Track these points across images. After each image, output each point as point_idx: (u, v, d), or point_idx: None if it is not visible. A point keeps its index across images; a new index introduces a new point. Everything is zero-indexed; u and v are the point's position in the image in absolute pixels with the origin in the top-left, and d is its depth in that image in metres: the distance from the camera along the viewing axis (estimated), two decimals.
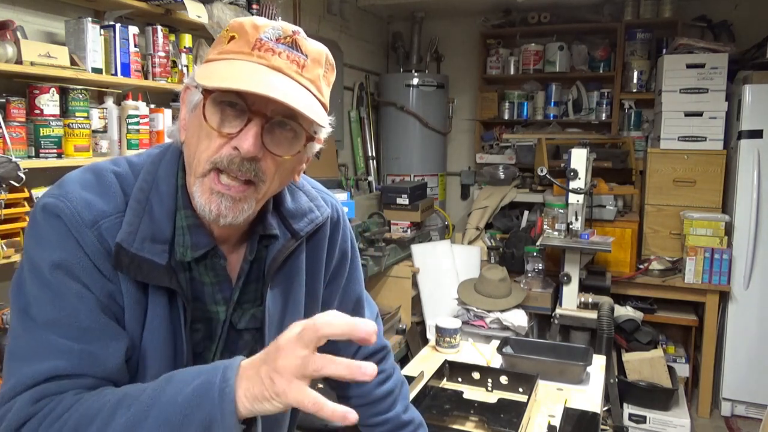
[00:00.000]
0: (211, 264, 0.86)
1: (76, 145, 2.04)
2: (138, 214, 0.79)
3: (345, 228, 1.05)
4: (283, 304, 0.94)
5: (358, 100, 4.59)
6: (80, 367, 0.75)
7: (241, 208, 0.79)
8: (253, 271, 0.91)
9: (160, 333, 0.81)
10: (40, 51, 1.92)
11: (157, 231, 0.80)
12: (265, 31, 0.77)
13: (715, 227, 3.40)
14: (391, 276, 3.55)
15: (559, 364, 1.77)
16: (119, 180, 0.82)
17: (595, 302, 3.04)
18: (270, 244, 0.90)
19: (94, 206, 0.78)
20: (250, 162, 0.76)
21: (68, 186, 0.79)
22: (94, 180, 0.81)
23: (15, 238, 1.87)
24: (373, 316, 1.17)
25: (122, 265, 0.77)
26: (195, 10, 2.42)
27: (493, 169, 4.52)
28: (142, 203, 0.80)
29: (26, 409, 0.71)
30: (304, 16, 3.75)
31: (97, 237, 0.77)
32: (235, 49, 0.77)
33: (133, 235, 0.78)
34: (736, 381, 3.37)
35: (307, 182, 1.00)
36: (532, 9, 4.51)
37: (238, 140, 0.75)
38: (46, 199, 0.78)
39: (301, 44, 0.79)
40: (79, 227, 0.76)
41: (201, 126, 0.77)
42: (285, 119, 0.77)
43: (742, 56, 3.79)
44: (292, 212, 0.92)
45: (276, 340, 0.66)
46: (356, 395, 1.14)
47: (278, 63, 0.76)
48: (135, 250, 0.77)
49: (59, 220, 0.76)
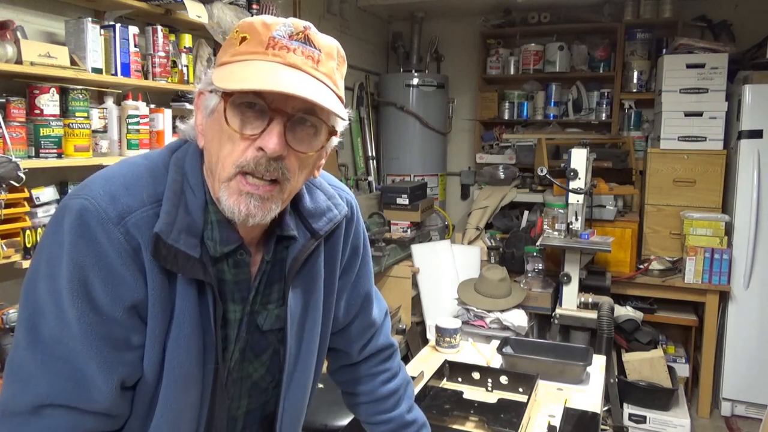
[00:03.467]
0: (236, 261, 0.85)
1: (76, 145, 2.04)
2: (175, 205, 0.78)
3: (358, 224, 1.05)
4: (304, 303, 0.93)
5: (358, 100, 4.59)
6: (68, 396, 0.75)
7: (269, 207, 0.79)
8: (276, 272, 0.91)
9: (189, 327, 0.80)
10: (40, 51, 1.92)
11: (191, 223, 0.79)
12: (277, 28, 0.77)
13: (715, 227, 3.40)
14: (391, 276, 3.55)
15: (559, 364, 1.77)
16: (149, 172, 0.80)
17: (595, 302, 3.04)
18: (289, 244, 0.90)
19: (119, 201, 0.76)
20: (276, 161, 0.76)
21: (92, 183, 0.78)
22: (122, 172, 0.79)
23: (15, 238, 1.87)
24: (382, 312, 1.17)
25: (159, 256, 0.75)
26: (195, 10, 2.42)
27: (493, 169, 4.52)
28: (177, 194, 0.79)
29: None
30: (304, 16, 3.75)
31: (124, 234, 0.75)
32: (249, 49, 0.77)
33: (170, 225, 0.76)
34: (736, 381, 3.37)
35: (324, 179, 1.00)
36: (532, 9, 4.51)
37: (262, 140, 0.75)
38: (70, 200, 0.76)
39: (313, 39, 0.79)
40: (106, 225, 0.74)
41: (222, 130, 0.77)
42: (305, 115, 0.77)
43: (742, 56, 3.80)
44: (311, 211, 0.91)
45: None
46: (361, 393, 1.14)
47: (294, 60, 0.76)
48: (172, 242, 0.76)
49: (83, 221, 0.74)
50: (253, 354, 0.92)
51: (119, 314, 0.76)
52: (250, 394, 0.94)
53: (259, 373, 0.94)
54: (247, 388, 0.93)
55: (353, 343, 1.11)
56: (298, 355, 0.94)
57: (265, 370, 0.94)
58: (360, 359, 1.13)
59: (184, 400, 0.82)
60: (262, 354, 0.93)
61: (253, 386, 0.94)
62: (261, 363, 0.93)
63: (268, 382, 0.95)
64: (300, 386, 0.96)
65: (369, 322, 1.12)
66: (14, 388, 0.75)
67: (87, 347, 0.75)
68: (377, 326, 1.14)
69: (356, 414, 1.19)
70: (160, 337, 0.79)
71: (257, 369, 0.93)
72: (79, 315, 0.74)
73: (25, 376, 0.75)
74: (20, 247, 1.87)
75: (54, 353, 0.74)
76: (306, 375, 0.97)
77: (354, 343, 1.11)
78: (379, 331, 1.14)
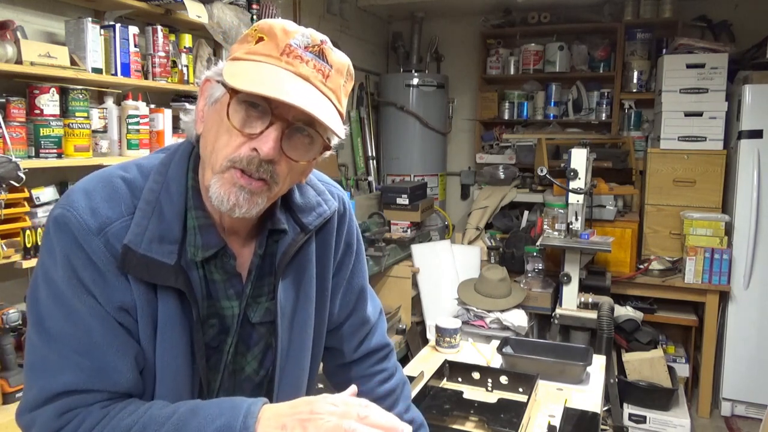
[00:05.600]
0: (221, 263, 0.87)
1: (76, 145, 2.04)
2: (146, 215, 0.81)
3: (351, 220, 1.06)
4: (294, 297, 0.95)
5: (358, 100, 4.59)
6: (93, 383, 0.78)
7: (256, 202, 0.81)
8: (266, 266, 0.93)
9: (174, 332, 0.82)
10: (40, 51, 1.92)
11: (166, 231, 0.81)
12: (295, 37, 0.79)
13: (715, 227, 3.40)
14: (391, 276, 3.55)
15: (559, 364, 1.77)
16: (127, 184, 0.83)
17: (595, 302, 3.04)
18: (280, 238, 0.92)
19: (99, 213, 0.79)
20: (268, 164, 0.79)
21: (74, 195, 0.81)
22: (101, 186, 0.82)
23: (15, 238, 1.87)
24: (377, 311, 1.17)
25: (129, 267, 0.79)
26: (195, 10, 2.43)
27: (493, 169, 4.52)
28: (151, 204, 0.82)
29: (52, 423, 0.75)
30: (304, 15, 3.75)
31: (104, 243, 0.78)
32: (264, 51, 0.78)
33: (140, 236, 0.79)
34: (736, 381, 3.37)
35: (314, 176, 1.02)
36: (532, 9, 4.51)
37: (259, 142, 0.77)
38: (55, 211, 0.80)
39: (327, 54, 0.81)
40: (86, 236, 0.78)
41: (221, 122, 0.79)
42: (304, 126, 0.79)
43: (742, 56, 3.80)
44: (300, 206, 0.94)
45: (309, 400, 0.73)
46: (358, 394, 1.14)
47: (305, 71, 0.78)
48: (143, 251, 0.79)
49: (67, 230, 0.78)
50: (245, 347, 0.93)
51: (115, 312, 0.80)
52: (243, 388, 0.95)
53: (252, 366, 0.95)
54: (240, 381, 0.94)
55: (348, 341, 1.11)
56: (290, 348, 0.96)
57: (258, 363, 0.95)
58: (355, 358, 1.13)
59: (178, 397, 0.84)
60: (254, 347, 0.94)
61: (246, 380, 0.95)
62: (253, 356, 0.95)
63: (262, 376, 0.96)
64: (293, 381, 0.97)
65: (363, 319, 1.12)
66: (39, 383, 0.78)
67: (103, 335, 0.78)
68: (372, 324, 1.14)
69: None
70: (150, 340, 0.82)
71: (250, 362, 0.95)
72: (89, 308, 0.78)
73: (47, 371, 0.77)
74: (20, 247, 1.87)
75: (72, 348, 0.77)
76: (299, 370, 0.98)
77: (348, 341, 1.11)
78: (373, 329, 1.15)
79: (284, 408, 0.73)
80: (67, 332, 0.77)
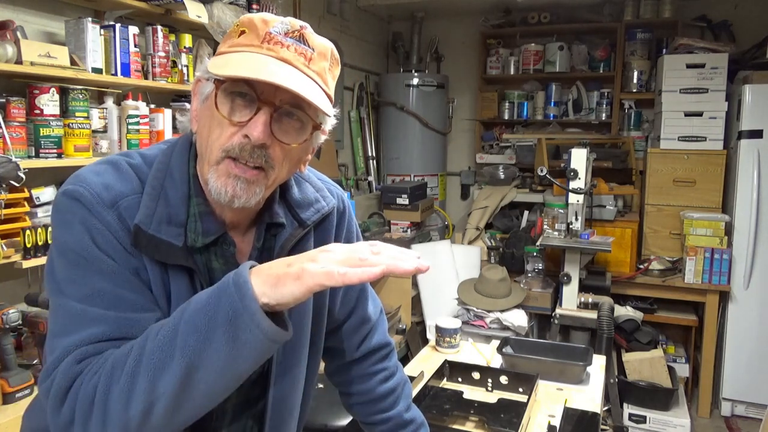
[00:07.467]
0: (221, 251, 0.88)
1: (76, 145, 2.04)
2: (154, 198, 0.82)
3: (350, 219, 1.07)
4: None
5: (358, 100, 4.59)
6: (118, 331, 0.77)
7: (254, 191, 0.82)
8: (264, 260, 0.92)
9: None
10: (40, 51, 1.92)
11: (173, 214, 0.83)
12: (274, 25, 0.81)
13: (715, 227, 3.40)
14: (391, 276, 3.55)
15: (559, 364, 1.77)
16: (133, 169, 0.85)
17: (595, 302, 3.04)
18: (278, 233, 0.93)
19: (112, 188, 0.81)
20: (260, 149, 0.80)
21: (84, 174, 0.82)
22: (110, 168, 0.84)
23: (15, 238, 1.87)
24: (377, 310, 1.17)
25: (141, 245, 0.80)
26: (195, 10, 2.43)
27: (493, 169, 4.52)
28: (157, 189, 0.83)
29: (71, 369, 0.74)
30: (304, 15, 3.75)
31: (117, 216, 0.80)
32: (246, 42, 0.81)
33: (150, 217, 0.81)
34: (736, 381, 3.37)
35: (313, 174, 1.03)
36: (532, 9, 4.51)
37: (248, 128, 0.79)
38: (65, 187, 0.81)
39: (308, 38, 0.83)
40: (100, 208, 0.79)
41: (213, 116, 0.81)
42: (292, 109, 0.81)
43: (742, 56, 3.80)
44: (298, 201, 0.95)
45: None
46: (358, 392, 1.14)
47: (286, 55, 0.80)
48: (153, 232, 0.80)
49: (80, 203, 0.79)
50: None
51: (133, 275, 0.80)
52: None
53: None
54: None
55: (349, 340, 1.11)
56: (286, 342, 0.95)
57: None
58: (356, 357, 1.13)
59: None
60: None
61: None
62: None
63: (258, 373, 0.96)
64: (290, 379, 0.97)
65: (364, 318, 1.13)
66: (63, 342, 0.76)
67: (130, 290, 0.79)
68: (373, 323, 1.15)
69: (354, 414, 1.19)
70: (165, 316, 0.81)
71: None
72: (110, 268, 0.78)
73: (70, 332, 0.76)
74: (20, 247, 1.87)
75: (95, 305, 0.77)
76: (297, 367, 0.98)
77: (350, 339, 1.11)
78: (374, 328, 1.15)
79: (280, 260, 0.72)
80: (87, 293, 0.77)
